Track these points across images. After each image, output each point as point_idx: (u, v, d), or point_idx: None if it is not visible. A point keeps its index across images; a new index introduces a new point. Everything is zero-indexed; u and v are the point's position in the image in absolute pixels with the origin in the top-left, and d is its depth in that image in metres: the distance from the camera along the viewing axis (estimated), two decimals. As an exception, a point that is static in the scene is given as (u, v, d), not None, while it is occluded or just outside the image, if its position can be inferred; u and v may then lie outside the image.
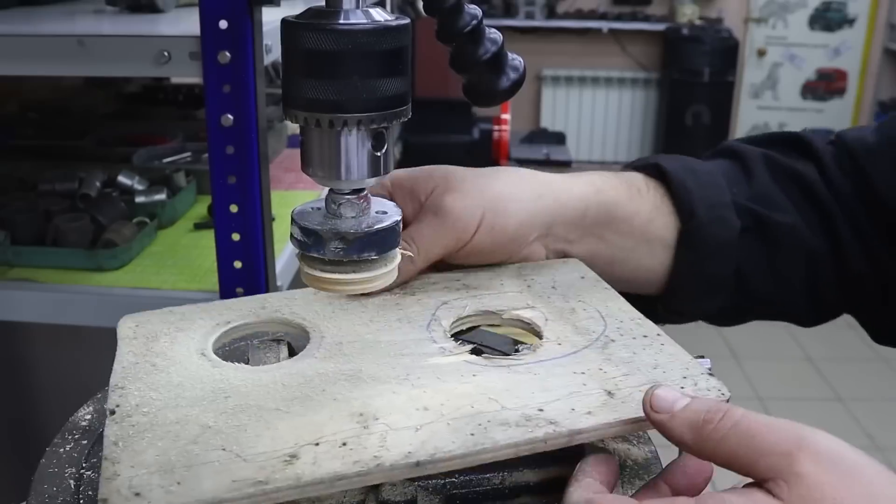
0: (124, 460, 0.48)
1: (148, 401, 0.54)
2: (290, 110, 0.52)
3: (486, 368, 0.58)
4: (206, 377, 0.57)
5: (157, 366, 0.58)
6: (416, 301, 0.68)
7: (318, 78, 0.51)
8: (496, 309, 0.67)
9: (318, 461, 0.48)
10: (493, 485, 0.55)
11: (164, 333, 0.63)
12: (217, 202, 1.01)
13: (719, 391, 0.54)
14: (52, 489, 0.55)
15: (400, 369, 0.58)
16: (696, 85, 5.41)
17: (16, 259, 1.26)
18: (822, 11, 5.87)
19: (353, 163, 0.53)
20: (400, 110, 0.53)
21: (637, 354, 0.60)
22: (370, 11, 0.52)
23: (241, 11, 0.92)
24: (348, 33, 0.50)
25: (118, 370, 0.58)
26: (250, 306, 0.68)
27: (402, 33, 0.52)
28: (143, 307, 0.68)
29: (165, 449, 0.49)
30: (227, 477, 0.46)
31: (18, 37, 1.01)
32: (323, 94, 0.51)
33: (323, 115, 0.51)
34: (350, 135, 0.53)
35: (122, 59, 1.00)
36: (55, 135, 1.83)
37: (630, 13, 5.85)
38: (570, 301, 0.68)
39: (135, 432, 0.51)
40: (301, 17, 0.52)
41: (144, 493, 0.45)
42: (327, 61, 0.50)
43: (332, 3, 0.52)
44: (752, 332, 3.97)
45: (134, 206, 1.45)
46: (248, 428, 0.51)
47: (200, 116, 1.99)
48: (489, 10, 5.70)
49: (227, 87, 0.96)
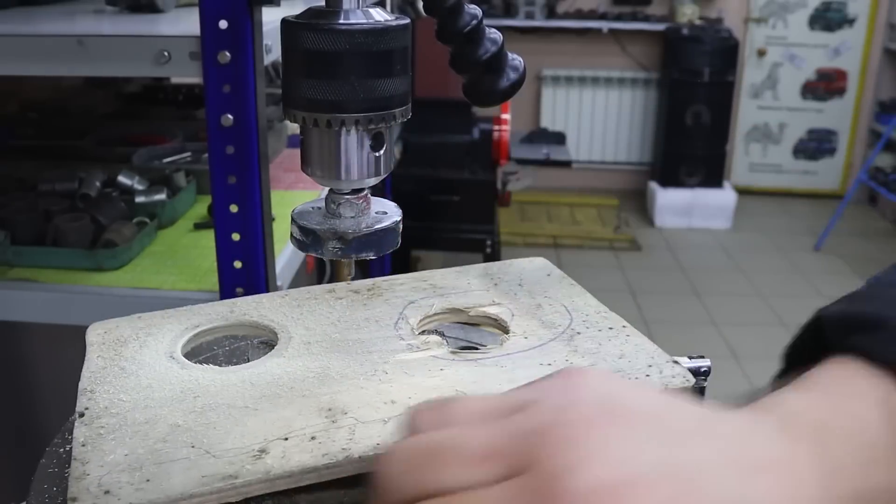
0: (93, 460, 0.49)
1: (117, 403, 0.55)
2: (290, 110, 0.52)
3: (453, 363, 0.59)
4: (174, 378, 0.57)
5: (126, 369, 0.59)
6: (384, 301, 0.69)
7: (316, 78, 0.51)
8: (463, 306, 0.68)
9: (287, 455, 0.48)
10: (492, 484, 0.55)
11: (133, 338, 0.64)
12: (217, 202, 1.01)
13: (684, 378, 0.56)
14: (52, 489, 0.55)
15: (368, 365, 0.59)
16: (696, 85, 5.41)
17: (16, 259, 1.26)
18: (822, 11, 5.86)
19: (353, 163, 0.53)
20: (399, 110, 0.53)
21: (603, 345, 0.61)
22: (370, 11, 0.52)
23: (241, 11, 0.92)
24: (346, 33, 0.50)
25: (86, 375, 0.59)
26: (219, 310, 0.68)
27: (401, 33, 0.52)
28: (143, 307, 0.68)
29: (134, 448, 0.49)
30: (197, 472, 0.47)
31: (18, 37, 1.01)
32: (321, 94, 0.51)
33: (321, 115, 0.51)
34: (349, 135, 0.52)
35: (122, 59, 1.00)
36: (55, 135, 1.83)
37: (630, 13, 5.85)
38: (537, 297, 0.69)
39: (104, 433, 0.51)
40: (301, 17, 0.52)
41: (114, 491, 0.46)
42: (325, 61, 0.50)
43: (332, 3, 0.52)
44: (753, 332, 3.98)
45: (134, 206, 1.45)
46: (217, 426, 0.51)
47: (200, 116, 1.99)
48: (489, 10, 5.70)
49: (227, 87, 0.96)
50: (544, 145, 3.66)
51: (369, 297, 0.70)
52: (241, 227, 1.02)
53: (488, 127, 3.26)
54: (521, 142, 3.68)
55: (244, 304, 0.69)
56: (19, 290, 1.19)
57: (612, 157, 6.11)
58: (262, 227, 1.02)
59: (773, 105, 5.99)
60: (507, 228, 4.77)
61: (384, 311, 0.67)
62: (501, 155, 3.25)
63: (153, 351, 0.62)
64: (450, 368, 0.58)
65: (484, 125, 3.28)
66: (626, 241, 5.14)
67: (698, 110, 5.44)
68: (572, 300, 0.68)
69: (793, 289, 4.50)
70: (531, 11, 5.76)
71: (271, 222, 1.06)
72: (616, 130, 6.07)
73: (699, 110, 5.44)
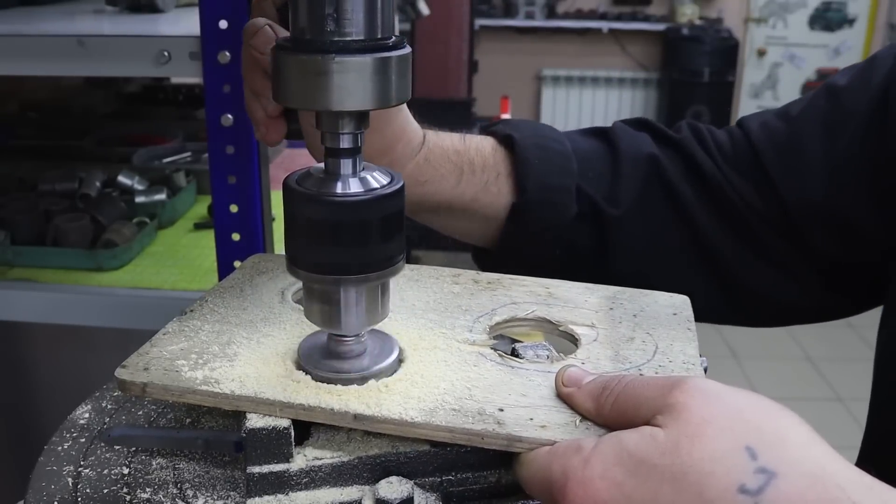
0: (160, 345, 0.60)
1: (214, 312, 0.66)
2: (294, 269, 0.55)
3: (489, 363, 0.59)
4: (266, 308, 0.67)
5: (244, 291, 0.70)
6: (492, 296, 0.70)
7: (319, 244, 0.53)
8: (556, 320, 0.67)
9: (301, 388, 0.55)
10: (489, 482, 0.55)
11: (272, 271, 0.74)
12: (217, 202, 1.01)
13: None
14: (49, 487, 0.55)
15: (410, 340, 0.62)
16: (696, 85, 5.41)
17: (16, 259, 1.26)
18: (822, 11, 5.87)
19: (353, 315, 0.56)
20: (396, 266, 0.55)
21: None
22: (367, 178, 0.54)
23: (241, 11, 0.92)
24: (346, 205, 0.52)
25: (219, 286, 0.71)
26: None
27: (397, 197, 0.54)
28: (143, 307, 0.69)
29: (191, 347, 0.60)
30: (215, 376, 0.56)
31: (18, 37, 1.01)
32: (324, 258, 0.53)
33: (326, 277, 0.54)
34: (349, 292, 0.55)
35: (122, 59, 1.00)
36: (55, 135, 1.84)
37: (630, 13, 5.85)
38: (637, 331, 0.65)
39: (187, 329, 0.63)
40: (301, 183, 0.54)
41: (151, 370, 0.57)
42: (327, 230, 0.53)
43: (331, 169, 0.54)
44: (753, 332, 3.97)
45: (134, 206, 1.45)
46: (244, 351, 0.60)
47: (200, 116, 1.99)
48: (489, 10, 5.70)
49: (227, 87, 0.96)
50: (544, 145, 3.66)
51: (484, 288, 0.72)
52: (241, 227, 1.02)
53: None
54: (521, 142, 3.68)
55: None
56: (19, 290, 1.19)
57: (612, 158, 6.10)
58: (262, 227, 1.03)
59: (774, 105, 5.98)
60: (508, 228, 4.76)
61: (483, 303, 0.69)
62: (501, 155, 3.25)
63: (274, 284, 0.71)
64: (481, 367, 0.59)
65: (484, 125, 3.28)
66: (627, 241, 5.13)
67: (698, 110, 5.45)
68: (671, 344, 0.63)
69: (793, 289, 4.50)
70: (531, 11, 5.76)
71: (271, 222, 1.06)
72: (616, 130, 6.07)
73: (699, 110, 5.45)
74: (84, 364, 1.42)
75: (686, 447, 0.44)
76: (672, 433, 0.45)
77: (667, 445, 0.44)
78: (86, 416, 0.64)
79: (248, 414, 0.54)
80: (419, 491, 0.53)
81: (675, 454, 0.44)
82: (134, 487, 0.55)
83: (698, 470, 0.43)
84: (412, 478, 0.53)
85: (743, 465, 0.42)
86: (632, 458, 0.45)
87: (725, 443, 0.43)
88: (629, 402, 0.49)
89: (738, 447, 0.43)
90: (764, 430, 0.44)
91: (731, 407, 0.45)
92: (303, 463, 0.52)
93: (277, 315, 0.66)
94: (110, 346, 1.37)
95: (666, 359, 0.61)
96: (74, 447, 0.60)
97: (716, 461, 0.43)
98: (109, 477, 0.56)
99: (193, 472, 0.57)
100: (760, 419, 0.44)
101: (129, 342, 0.65)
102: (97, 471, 0.57)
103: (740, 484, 0.41)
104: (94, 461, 0.58)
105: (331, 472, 0.53)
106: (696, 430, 0.44)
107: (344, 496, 0.52)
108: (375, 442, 0.54)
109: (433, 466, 0.54)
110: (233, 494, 0.55)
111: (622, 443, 0.46)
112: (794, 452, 0.43)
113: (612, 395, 0.51)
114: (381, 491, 0.52)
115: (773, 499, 0.41)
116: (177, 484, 0.56)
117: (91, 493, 0.55)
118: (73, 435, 0.61)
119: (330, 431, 0.55)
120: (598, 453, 0.46)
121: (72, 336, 1.47)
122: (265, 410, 0.53)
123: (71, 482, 0.56)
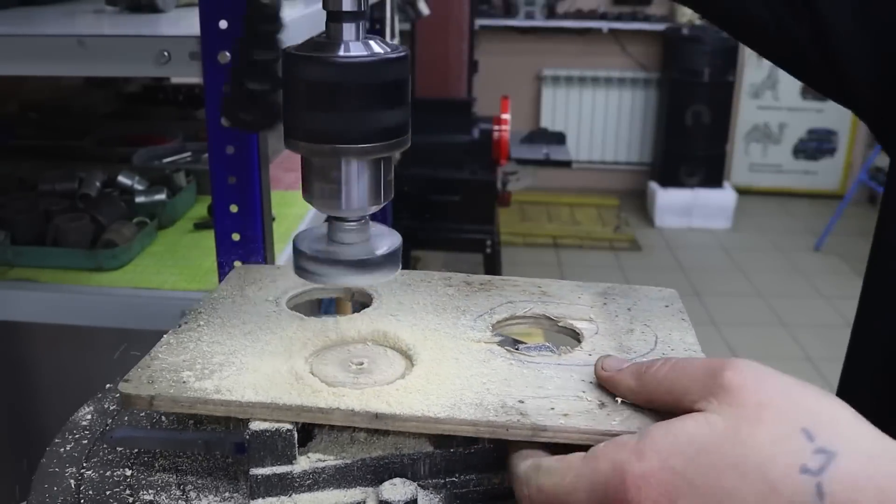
0: (162, 357, 0.60)
1: (209, 322, 0.66)
2: (291, 140, 0.52)
3: (500, 358, 0.60)
4: (260, 316, 0.67)
5: (236, 302, 0.70)
6: (487, 297, 0.70)
7: (317, 110, 0.51)
8: (554, 316, 0.68)
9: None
10: (493, 484, 0.55)
11: (261, 280, 0.75)
12: (217, 202, 1.01)
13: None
14: (52, 489, 0.55)
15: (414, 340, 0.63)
16: (696, 85, 5.41)
17: (16, 259, 1.26)
18: (821, 11, 5.86)
19: (354, 192, 0.54)
20: (400, 140, 0.53)
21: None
22: (370, 43, 0.52)
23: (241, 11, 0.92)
24: (348, 66, 0.50)
25: (209, 298, 0.71)
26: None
27: (401, 65, 0.52)
28: (143, 307, 0.69)
29: (195, 358, 0.60)
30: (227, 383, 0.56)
31: (18, 37, 1.01)
32: (322, 125, 0.51)
33: (323, 147, 0.51)
34: (350, 165, 0.53)
35: (122, 59, 1.00)
36: (55, 135, 1.83)
37: (630, 13, 5.84)
38: (635, 323, 0.67)
39: (185, 340, 0.63)
40: (301, 49, 0.52)
41: (156, 382, 0.56)
42: (327, 93, 0.50)
43: (332, 35, 0.52)
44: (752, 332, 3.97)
45: (134, 206, 1.45)
46: (254, 359, 0.60)
47: (200, 116, 1.99)
48: (489, 10, 5.70)
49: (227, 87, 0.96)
50: (544, 145, 3.66)
51: (478, 289, 0.72)
52: (241, 227, 1.02)
53: (488, 127, 3.26)
54: (521, 142, 3.68)
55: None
56: (19, 290, 1.19)
57: (612, 157, 6.10)
58: (262, 227, 1.02)
59: (773, 105, 5.99)
60: (507, 228, 4.77)
61: (479, 303, 0.69)
62: (501, 155, 3.25)
63: (266, 293, 0.72)
64: (493, 362, 0.59)
65: (484, 125, 3.28)
66: (626, 241, 5.14)
67: (698, 110, 5.44)
68: (669, 333, 0.65)
69: (792, 289, 4.51)
70: (531, 11, 5.75)
71: (271, 222, 1.06)
72: (616, 130, 6.07)
73: (699, 110, 5.44)
74: (84, 364, 1.41)
75: (746, 432, 0.45)
76: (730, 419, 0.46)
77: (727, 432, 0.45)
78: (88, 418, 0.64)
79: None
80: (423, 493, 0.53)
81: (735, 440, 0.45)
82: (137, 489, 0.55)
83: (759, 454, 0.44)
84: (415, 480, 0.53)
85: (802, 447, 0.43)
86: (691, 445, 0.45)
87: (784, 426, 0.44)
88: (678, 382, 0.50)
89: (796, 429, 0.44)
90: (816, 412, 0.45)
91: (782, 389, 0.47)
92: (306, 465, 0.52)
93: (275, 322, 0.66)
94: (110, 346, 1.36)
95: (668, 348, 0.62)
96: (77, 449, 0.60)
97: (776, 444, 0.44)
98: (112, 478, 0.56)
99: (196, 473, 0.57)
100: (810, 401, 0.46)
101: (129, 342, 0.65)
102: (100, 472, 0.57)
103: (802, 464, 0.43)
104: (96, 462, 0.58)
105: (334, 473, 0.53)
106: (755, 415, 0.45)
107: (347, 498, 0.52)
108: (378, 444, 0.54)
109: (436, 468, 0.54)
110: (236, 496, 0.54)
111: (677, 431, 0.46)
112: (847, 431, 0.44)
113: (659, 372, 0.51)
114: (385, 493, 0.51)
115: (835, 476, 0.42)
116: (179, 485, 0.55)
117: (94, 495, 0.54)
118: (75, 436, 0.61)
119: (333, 433, 0.55)
120: (651, 444, 0.46)
121: (72, 336, 1.46)
122: (282, 416, 0.53)
123: (73, 484, 0.56)
